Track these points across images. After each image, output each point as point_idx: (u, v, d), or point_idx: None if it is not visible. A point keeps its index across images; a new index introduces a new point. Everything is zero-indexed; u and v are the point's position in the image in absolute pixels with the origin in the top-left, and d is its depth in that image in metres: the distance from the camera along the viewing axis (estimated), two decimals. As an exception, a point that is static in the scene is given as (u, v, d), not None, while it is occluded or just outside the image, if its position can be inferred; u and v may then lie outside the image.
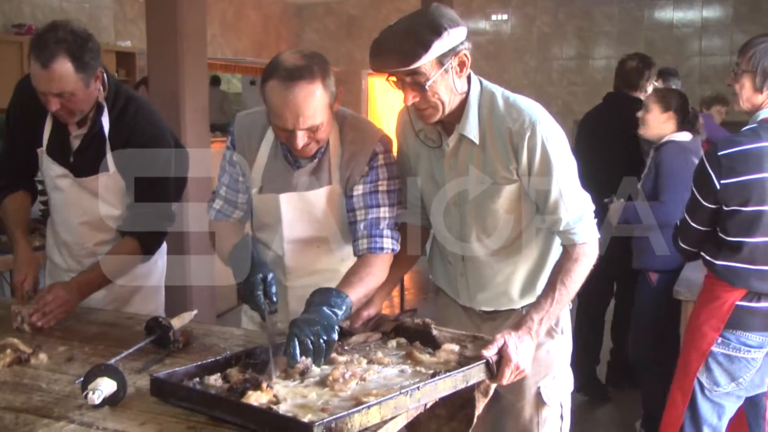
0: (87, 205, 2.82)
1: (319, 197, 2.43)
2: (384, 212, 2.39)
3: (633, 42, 11.45)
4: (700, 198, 2.78)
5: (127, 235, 2.78)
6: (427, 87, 2.13)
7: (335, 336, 2.00)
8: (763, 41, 2.82)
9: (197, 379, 1.89)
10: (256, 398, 1.72)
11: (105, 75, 2.69)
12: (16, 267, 2.78)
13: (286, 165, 2.44)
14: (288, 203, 2.44)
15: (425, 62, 2.09)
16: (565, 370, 2.53)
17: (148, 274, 3.04)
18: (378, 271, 2.34)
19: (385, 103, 13.71)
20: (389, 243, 2.38)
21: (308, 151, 2.32)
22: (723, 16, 11.50)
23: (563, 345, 2.52)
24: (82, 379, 1.90)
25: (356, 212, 2.40)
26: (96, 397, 1.78)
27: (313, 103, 2.19)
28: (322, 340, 1.95)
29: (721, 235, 2.79)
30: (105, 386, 1.80)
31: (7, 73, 7.05)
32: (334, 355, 2.01)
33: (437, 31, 2.08)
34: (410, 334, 2.22)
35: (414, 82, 2.14)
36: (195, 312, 2.40)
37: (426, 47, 2.07)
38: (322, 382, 1.87)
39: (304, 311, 2.07)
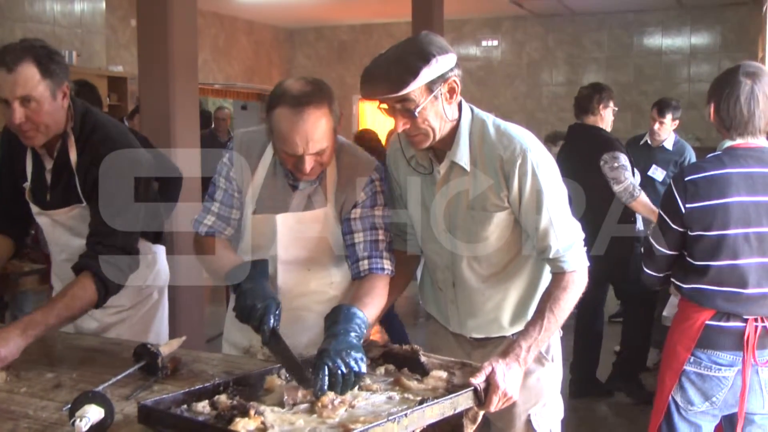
0: (64, 241, 2.78)
1: (314, 219, 2.45)
2: (382, 235, 2.43)
3: (622, 68, 11.56)
4: (668, 221, 2.82)
5: (84, 270, 2.54)
6: (416, 113, 2.15)
7: (364, 369, 1.97)
8: (723, 74, 2.89)
9: (185, 406, 1.88)
10: (243, 425, 1.71)
11: (72, 102, 2.64)
12: None
13: (285, 186, 2.47)
14: (284, 224, 2.45)
15: (414, 89, 2.11)
16: (556, 398, 2.53)
17: (148, 295, 3.00)
18: (382, 291, 2.37)
19: (375, 128, 13.74)
20: (388, 264, 2.41)
21: (313, 174, 2.36)
22: (711, 43, 11.63)
23: (554, 372, 2.52)
24: (69, 406, 1.89)
25: (354, 235, 2.43)
26: (83, 425, 1.77)
27: (321, 128, 2.24)
28: (353, 372, 1.93)
29: (688, 259, 2.82)
30: (92, 413, 1.79)
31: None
32: None
33: (425, 58, 2.11)
34: (398, 361, 2.21)
35: (404, 109, 2.15)
36: (184, 338, 2.39)
37: (414, 74, 2.09)
38: (311, 409, 1.86)
39: (329, 334, 2.02)
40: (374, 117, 13.81)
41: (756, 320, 2.74)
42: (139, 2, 5.01)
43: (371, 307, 2.25)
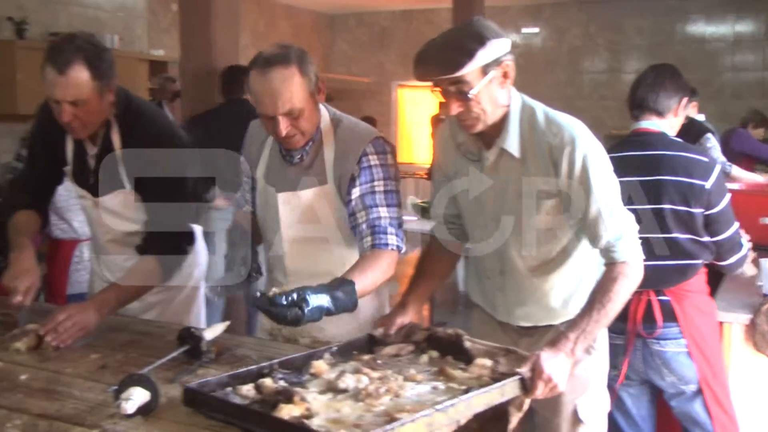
0: (108, 223, 2.83)
1: (313, 196, 2.49)
2: (384, 212, 2.42)
3: (664, 56, 11.37)
4: None
5: (146, 254, 2.70)
6: (470, 96, 2.15)
7: (312, 307, 2.02)
8: None
9: (230, 389, 1.89)
10: (288, 411, 1.71)
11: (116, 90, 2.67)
12: (15, 273, 2.56)
13: (281, 162, 2.54)
14: (285, 203, 2.52)
15: (469, 71, 2.12)
16: (602, 389, 2.51)
17: (189, 276, 3.03)
18: (384, 265, 2.36)
19: (415, 114, 13.71)
20: (394, 240, 2.40)
21: (294, 142, 2.43)
22: (756, 31, 11.41)
23: (600, 363, 2.50)
24: (115, 387, 1.91)
25: (357, 215, 2.44)
26: (129, 407, 1.79)
27: (290, 87, 2.32)
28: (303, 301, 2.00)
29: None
30: (138, 396, 1.81)
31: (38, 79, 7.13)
32: (366, 369, 2.01)
33: (481, 41, 2.12)
34: (442, 346, 2.21)
35: (458, 91, 2.16)
36: (227, 323, 2.40)
37: (470, 55, 2.10)
38: (356, 396, 1.86)
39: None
40: (414, 104, 13.78)
41: (641, 294, 3.00)
42: (183, -12, 5.03)
43: (364, 277, 2.25)
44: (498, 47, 2.15)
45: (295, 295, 2.01)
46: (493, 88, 2.19)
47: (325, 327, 2.51)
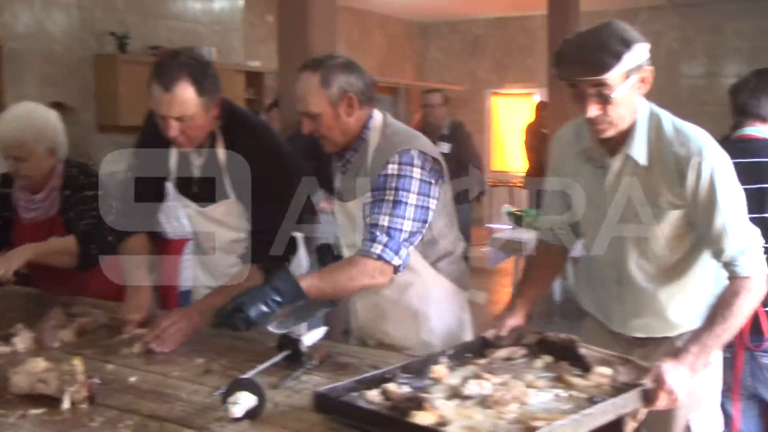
0: (212, 232, 2.88)
1: (360, 206, 2.54)
2: (384, 220, 2.41)
3: (765, 60, 11.03)
4: None
5: (252, 263, 2.72)
6: (611, 99, 2.13)
7: (253, 308, 2.21)
8: None
9: (356, 393, 1.90)
10: (421, 419, 1.71)
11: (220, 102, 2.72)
12: (130, 307, 2.74)
13: (337, 171, 2.68)
14: (340, 211, 2.66)
15: (615, 74, 2.10)
16: (715, 405, 2.44)
17: None
18: (354, 271, 2.40)
19: (508, 122, 13.63)
20: (378, 249, 2.39)
21: (324, 144, 2.58)
22: None
23: (714, 378, 2.44)
24: (221, 391, 1.95)
25: (364, 221, 2.50)
26: (237, 411, 1.82)
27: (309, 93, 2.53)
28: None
29: None
30: (245, 400, 1.85)
31: (145, 93, 7.34)
32: (486, 375, 2.00)
33: (627, 44, 2.11)
34: (555, 351, 2.18)
35: (598, 94, 2.14)
36: (325, 329, 2.43)
37: (618, 58, 2.09)
38: (483, 402, 1.85)
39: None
40: (508, 112, 13.69)
41: None
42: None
43: (325, 277, 2.40)
44: (641, 52, 2.14)
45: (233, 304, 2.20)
46: (631, 93, 2.17)
47: (389, 330, 2.61)
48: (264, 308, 2.22)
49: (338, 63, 2.54)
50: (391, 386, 1.91)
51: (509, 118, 13.63)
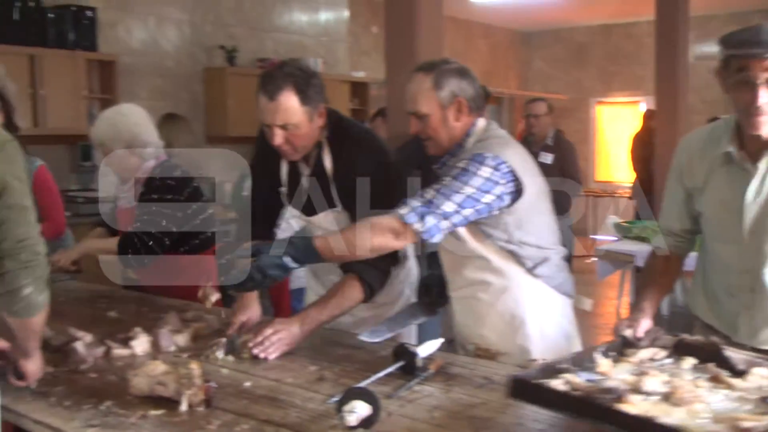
0: None
1: None
2: (426, 192, 2.43)
3: None
4: None
5: (350, 272, 2.73)
6: None
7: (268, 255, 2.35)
8: None
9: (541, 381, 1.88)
10: (630, 410, 1.68)
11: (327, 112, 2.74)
12: (237, 307, 2.88)
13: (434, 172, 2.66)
14: None
15: None
16: None
17: (400, 293, 3.04)
18: (368, 231, 2.44)
19: (613, 132, 13.37)
20: (403, 209, 2.41)
21: (429, 147, 2.62)
22: None
23: None
24: (335, 399, 1.96)
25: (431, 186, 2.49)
26: (352, 419, 1.83)
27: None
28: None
29: None
30: (360, 409, 1.85)
31: (253, 104, 7.49)
32: (654, 372, 1.95)
33: None
34: (696, 353, 2.10)
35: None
36: (441, 340, 2.42)
37: None
38: (667, 399, 1.80)
39: None
40: (613, 121, 13.45)
41: None
42: (387, 10, 5.13)
43: (336, 235, 2.49)
44: None
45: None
46: None
47: (485, 334, 2.60)
48: (277, 260, 2.35)
49: (452, 68, 2.57)
50: (572, 377, 1.88)
51: (614, 127, 13.37)
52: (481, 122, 2.61)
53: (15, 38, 6.59)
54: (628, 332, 2.19)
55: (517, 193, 2.48)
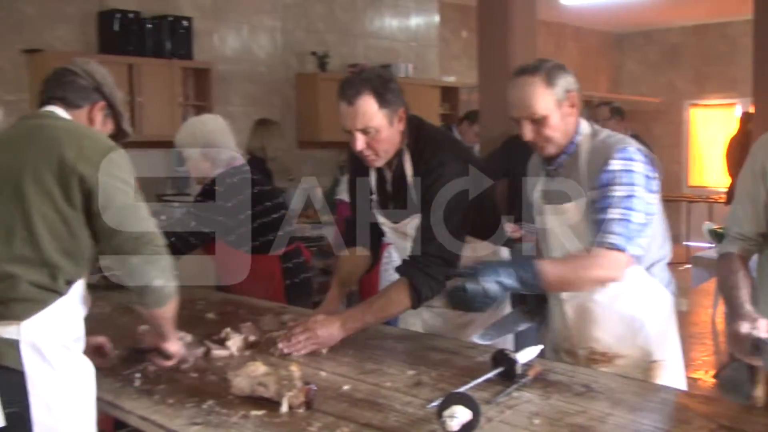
0: (405, 247, 2.88)
1: (574, 208, 2.50)
2: (615, 213, 2.38)
3: None
4: None
5: (401, 277, 2.72)
6: None
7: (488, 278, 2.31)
8: None
9: None
10: None
11: (407, 119, 2.74)
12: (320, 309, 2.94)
13: (545, 176, 2.64)
14: (552, 214, 2.59)
15: None
16: None
17: None
18: (594, 262, 2.39)
19: (707, 135, 13.03)
20: (615, 239, 2.36)
21: (544, 149, 2.53)
22: None
23: None
24: (435, 404, 1.97)
25: (592, 215, 2.45)
26: (454, 425, 1.83)
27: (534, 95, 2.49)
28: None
29: None
30: (461, 414, 1.85)
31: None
32: None
33: None
34: None
35: None
36: (540, 347, 2.40)
37: None
38: None
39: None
40: (706, 124, 13.11)
41: None
42: (480, 14, 5.13)
43: (562, 265, 2.45)
44: None
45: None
46: None
47: (600, 337, 2.56)
48: (495, 285, 2.32)
49: (556, 64, 2.54)
50: None
51: (708, 130, 13.03)
52: (583, 120, 2.59)
53: (115, 48, 6.83)
54: (763, 333, 2.08)
55: (657, 180, 2.49)
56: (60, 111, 2.32)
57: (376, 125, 2.62)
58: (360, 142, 2.65)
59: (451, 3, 10.27)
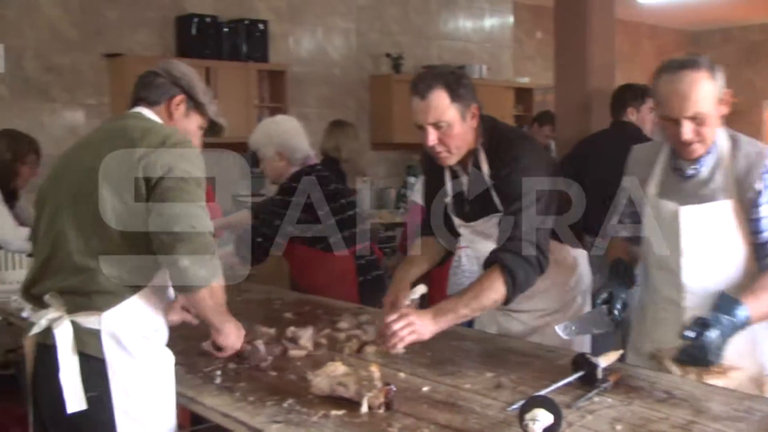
0: (479, 248, 2.88)
1: (717, 210, 2.41)
2: None
3: None
4: None
5: (493, 263, 2.59)
6: None
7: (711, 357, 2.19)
8: None
9: None
10: None
11: (481, 119, 2.72)
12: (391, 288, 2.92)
13: (674, 176, 2.53)
14: (688, 216, 2.46)
15: None
16: None
17: (572, 300, 2.99)
18: None
19: (788, 134, 12.68)
20: None
21: (694, 150, 2.41)
22: None
23: None
24: (515, 406, 1.96)
25: (759, 235, 2.37)
26: (536, 428, 1.82)
27: (699, 91, 2.34)
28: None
29: None
30: (543, 417, 1.84)
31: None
32: None
33: None
34: None
35: None
36: (621, 352, 2.37)
37: None
38: None
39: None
40: (788, 123, 12.77)
41: None
42: (557, 15, 5.08)
43: (754, 299, 2.28)
44: None
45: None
46: None
47: None
48: (719, 335, 2.21)
49: (707, 58, 2.43)
50: None
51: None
52: None
53: (193, 52, 6.96)
54: None
55: None
56: (144, 110, 2.37)
57: (448, 119, 2.61)
58: (432, 137, 2.64)
59: (525, 4, 10.20)
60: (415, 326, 2.45)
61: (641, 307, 2.72)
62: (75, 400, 2.10)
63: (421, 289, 2.82)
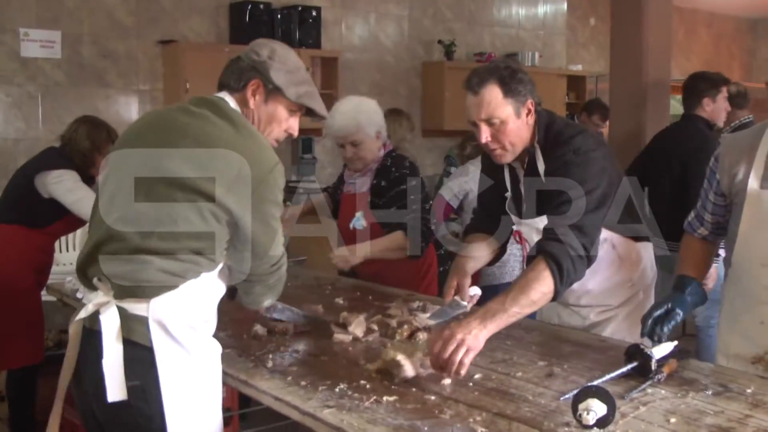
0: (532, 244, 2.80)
1: None
2: None
3: None
4: None
5: (538, 254, 2.47)
6: None
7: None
8: None
9: None
10: None
11: (537, 115, 2.66)
12: (453, 270, 2.89)
13: None
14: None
15: None
16: None
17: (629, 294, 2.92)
18: None
19: None
20: None
21: None
22: None
23: None
24: (568, 396, 1.95)
25: None
26: (590, 418, 1.81)
27: None
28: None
29: None
30: (596, 408, 1.83)
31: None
32: None
33: None
34: None
35: None
36: (676, 343, 2.34)
37: None
38: None
39: None
40: None
41: None
42: (613, 1, 5.02)
43: None
44: None
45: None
46: None
47: None
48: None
49: None
50: None
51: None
52: None
53: (246, 38, 6.89)
54: None
55: None
56: (226, 96, 2.32)
57: (501, 115, 2.56)
58: (485, 134, 2.59)
59: (579, -10, 10.10)
60: (466, 341, 2.21)
61: (732, 310, 2.58)
62: (117, 388, 2.08)
63: (476, 290, 2.82)
